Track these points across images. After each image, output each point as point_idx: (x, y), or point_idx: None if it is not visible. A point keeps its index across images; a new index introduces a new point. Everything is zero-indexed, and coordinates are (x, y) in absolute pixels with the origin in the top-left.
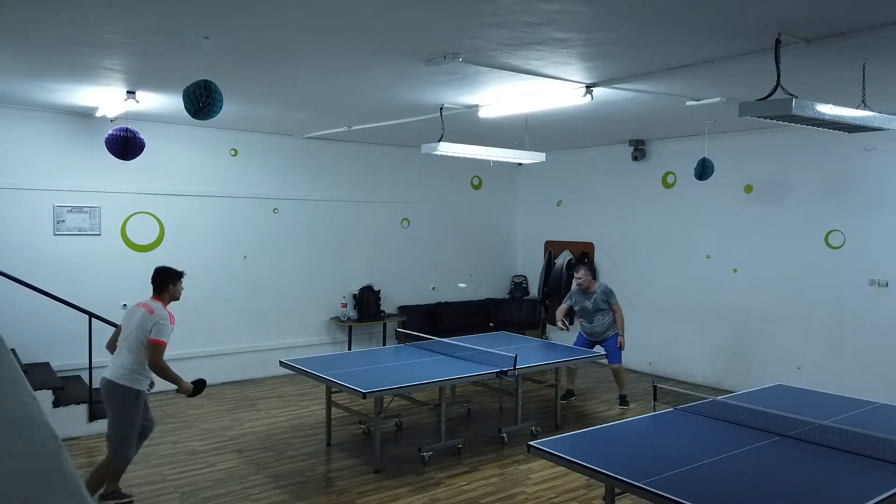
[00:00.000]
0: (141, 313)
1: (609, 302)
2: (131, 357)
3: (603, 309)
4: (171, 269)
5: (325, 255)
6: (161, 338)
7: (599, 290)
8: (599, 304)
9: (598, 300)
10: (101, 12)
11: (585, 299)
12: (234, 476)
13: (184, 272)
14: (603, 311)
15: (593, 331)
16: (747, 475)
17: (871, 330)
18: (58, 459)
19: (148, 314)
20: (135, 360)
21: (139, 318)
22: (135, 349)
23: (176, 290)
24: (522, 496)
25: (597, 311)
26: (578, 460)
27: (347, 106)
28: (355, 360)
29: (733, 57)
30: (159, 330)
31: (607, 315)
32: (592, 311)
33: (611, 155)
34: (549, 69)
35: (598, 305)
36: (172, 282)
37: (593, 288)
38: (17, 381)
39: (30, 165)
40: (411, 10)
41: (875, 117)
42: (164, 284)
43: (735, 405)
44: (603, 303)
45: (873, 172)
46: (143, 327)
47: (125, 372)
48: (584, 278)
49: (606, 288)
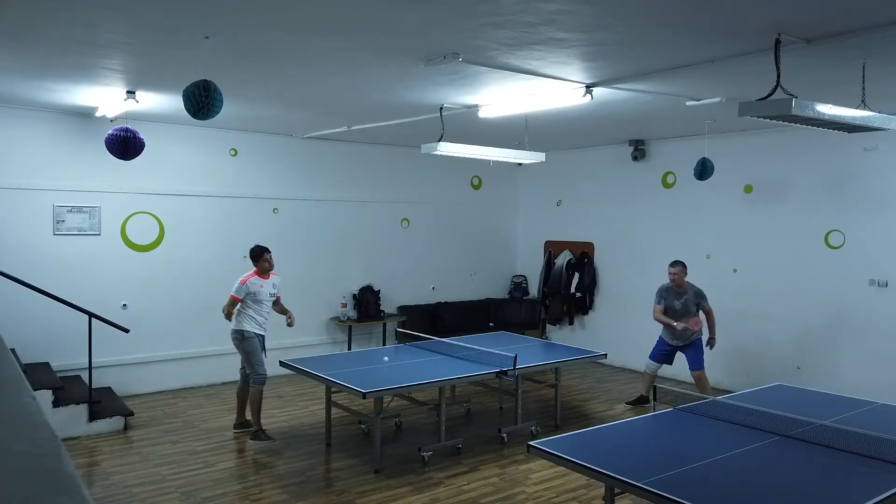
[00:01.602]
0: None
1: (700, 305)
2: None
3: (692, 311)
4: (258, 246)
5: (325, 255)
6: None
7: (692, 291)
8: (690, 306)
9: (688, 302)
10: (101, 12)
11: (675, 298)
12: (234, 476)
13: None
14: (691, 314)
15: (676, 332)
16: (747, 475)
17: (870, 330)
18: (58, 459)
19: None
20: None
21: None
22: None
23: (264, 262)
24: (522, 496)
25: (686, 314)
26: (578, 460)
27: (347, 106)
28: (355, 360)
29: (733, 57)
30: (235, 286)
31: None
32: (681, 313)
33: (611, 155)
34: (549, 69)
35: (689, 308)
36: (260, 256)
37: (686, 287)
38: (17, 381)
39: (30, 165)
40: (411, 10)
41: (875, 117)
42: (255, 258)
43: (735, 405)
44: (693, 305)
45: (873, 172)
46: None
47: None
48: (678, 274)
49: (699, 290)
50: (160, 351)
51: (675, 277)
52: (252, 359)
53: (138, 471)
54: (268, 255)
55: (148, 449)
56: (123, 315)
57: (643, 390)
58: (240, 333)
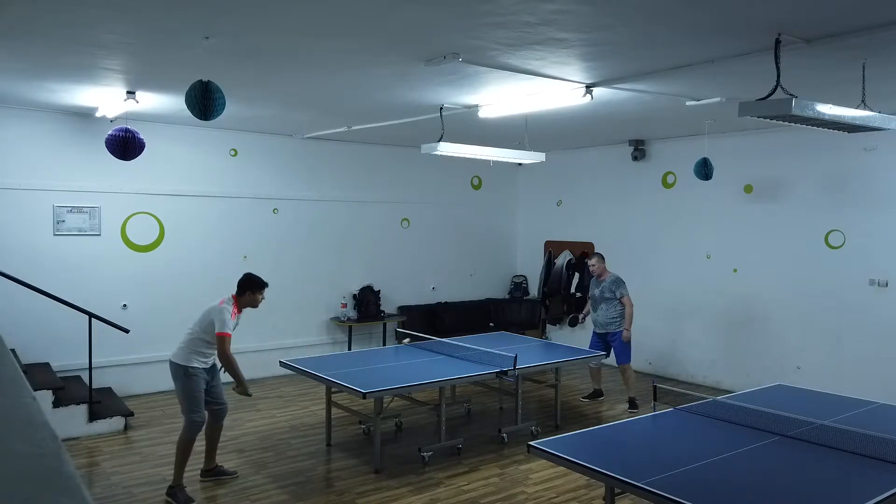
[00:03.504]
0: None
1: (615, 292)
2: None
3: (608, 298)
4: (255, 279)
5: (325, 255)
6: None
7: (610, 279)
8: (606, 292)
9: (605, 289)
10: (101, 12)
11: (595, 286)
12: (234, 476)
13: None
14: (608, 301)
15: (597, 320)
16: (747, 475)
17: (871, 330)
18: (58, 459)
19: (216, 305)
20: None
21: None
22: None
23: (255, 298)
24: (522, 496)
25: (602, 300)
26: (578, 460)
27: (347, 106)
28: (355, 361)
29: (733, 57)
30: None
31: (613, 306)
32: (599, 300)
33: (611, 155)
34: (549, 69)
35: (605, 294)
36: (252, 289)
37: (605, 276)
38: (17, 381)
39: (30, 165)
40: (411, 10)
41: (875, 117)
42: (243, 289)
43: (735, 405)
44: (610, 292)
45: (873, 172)
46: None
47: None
48: (596, 265)
49: (618, 278)
50: (160, 351)
51: (594, 269)
52: (192, 402)
53: (138, 471)
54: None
55: (148, 449)
56: (123, 315)
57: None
58: (182, 369)
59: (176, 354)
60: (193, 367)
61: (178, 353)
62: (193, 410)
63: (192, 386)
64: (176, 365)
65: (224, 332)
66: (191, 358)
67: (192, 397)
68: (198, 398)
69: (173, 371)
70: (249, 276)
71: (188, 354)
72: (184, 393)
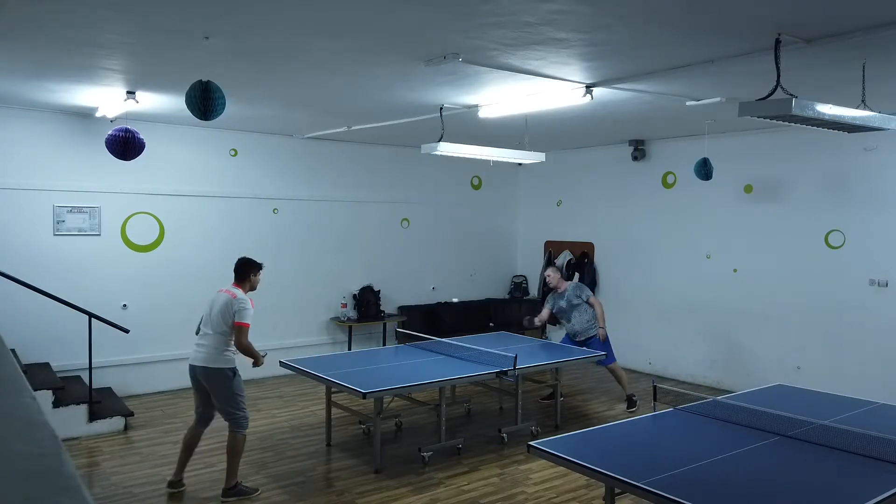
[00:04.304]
0: (223, 299)
1: (581, 297)
2: (216, 339)
3: (576, 305)
4: (253, 260)
5: (325, 255)
6: (243, 320)
7: (570, 287)
8: (572, 299)
9: (570, 296)
10: (101, 12)
11: (559, 299)
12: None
13: (263, 264)
14: (578, 308)
15: (574, 330)
16: (747, 475)
17: (871, 330)
18: (58, 459)
19: (229, 298)
20: (221, 341)
21: (220, 303)
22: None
23: (255, 280)
24: (522, 496)
25: (572, 309)
26: (578, 460)
27: (347, 106)
28: (355, 360)
29: (733, 57)
30: (244, 314)
31: (585, 311)
32: (567, 310)
33: (611, 155)
34: (549, 69)
35: (571, 301)
36: (253, 271)
37: (563, 287)
38: (17, 381)
39: (30, 165)
40: (411, 10)
41: (875, 117)
42: (246, 273)
43: (735, 405)
44: (576, 298)
45: (873, 172)
46: (225, 311)
47: (214, 355)
48: (551, 277)
49: (577, 284)
50: (160, 351)
51: (550, 281)
52: (240, 400)
53: (138, 471)
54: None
55: (148, 449)
56: (123, 315)
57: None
58: (225, 372)
59: (207, 359)
60: (234, 367)
61: (209, 357)
62: (241, 408)
63: (237, 385)
64: (215, 370)
65: (246, 322)
66: (227, 358)
67: (238, 396)
68: (243, 396)
69: (211, 376)
70: (248, 260)
71: (223, 355)
72: (230, 393)
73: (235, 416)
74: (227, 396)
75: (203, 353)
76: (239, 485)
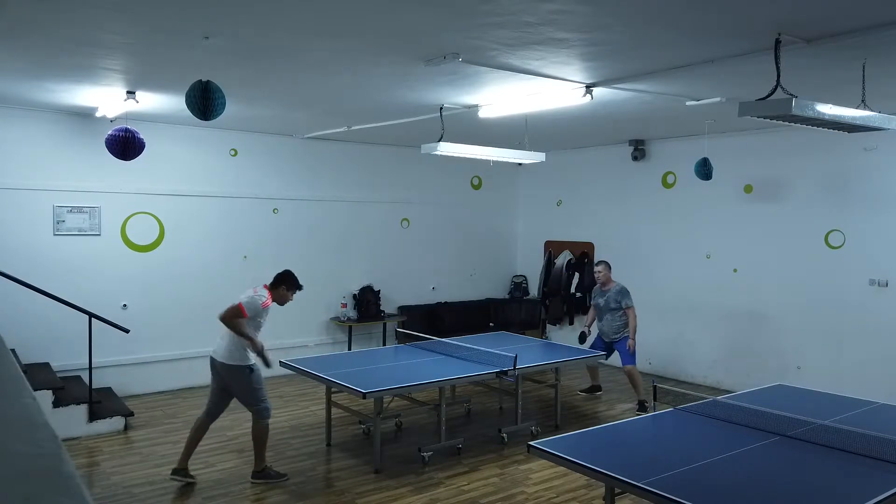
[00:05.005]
0: (247, 292)
1: (621, 303)
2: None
3: (614, 308)
4: (294, 277)
5: (325, 255)
6: (246, 306)
7: (615, 289)
8: (611, 303)
9: (610, 299)
10: (102, 12)
11: (601, 295)
12: (234, 476)
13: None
14: (613, 311)
15: (603, 329)
16: (747, 475)
17: (871, 330)
18: (58, 459)
19: (251, 291)
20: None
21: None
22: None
23: (285, 295)
24: (522, 496)
25: (608, 310)
26: (578, 460)
27: (347, 106)
28: (355, 360)
29: (733, 57)
30: (251, 302)
31: (618, 317)
32: (604, 309)
33: (611, 155)
34: (549, 69)
35: (610, 304)
36: (287, 285)
37: (610, 285)
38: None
39: (30, 165)
40: (411, 10)
41: (875, 117)
42: (279, 283)
43: (735, 405)
44: (615, 302)
45: (873, 172)
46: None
47: (230, 352)
48: (602, 272)
49: (623, 288)
50: (160, 351)
51: (599, 276)
52: (258, 394)
53: (138, 471)
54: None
55: (148, 449)
56: (123, 315)
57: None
58: (247, 368)
59: (225, 354)
60: (252, 364)
61: (227, 353)
62: (261, 401)
63: (256, 380)
64: (232, 367)
65: (242, 305)
66: (244, 354)
67: (257, 390)
68: (262, 389)
69: (229, 372)
70: (290, 273)
71: (240, 351)
72: (249, 388)
73: (257, 408)
74: (245, 392)
75: (223, 347)
76: (267, 468)
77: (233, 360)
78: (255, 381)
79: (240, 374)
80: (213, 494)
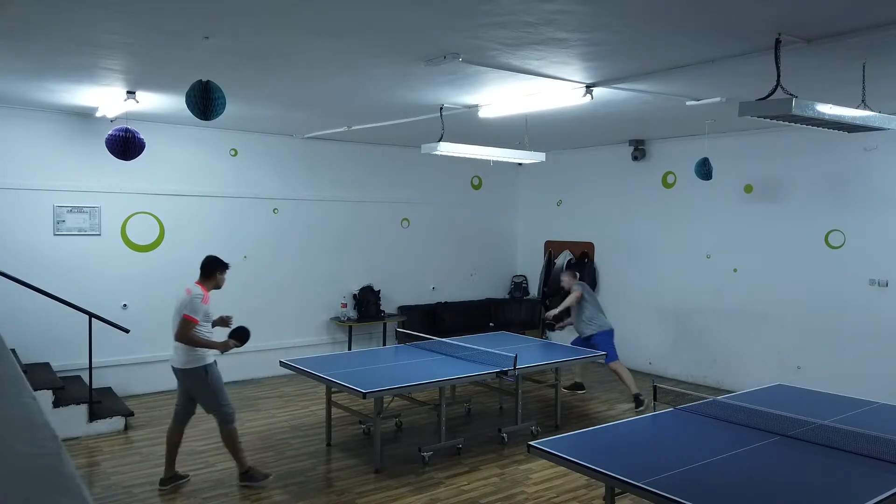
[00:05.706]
0: (181, 297)
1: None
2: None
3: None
4: (220, 259)
5: (325, 255)
6: (191, 314)
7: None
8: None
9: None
10: (101, 12)
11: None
12: (234, 476)
13: (229, 265)
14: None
15: (576, 328)
16: (747, 475)
17: (871, 330)
18: (58, 459)
19: (185, 295)
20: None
21: (179, 301)
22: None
23: (221, 279)
24: (522, 496)
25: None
26: (578, 460)
27: (347, 106)
28: (355, 360)
29: (733, 57)
30: (192, 307)
31: (580, 310)
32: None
33: (611, 155)
34: (549, 69)
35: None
36: (219, 270)
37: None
38: (17, 381)
39: (30, 165)
40: (411, 10)
41: (875, 117)
42: (211, 272)
43: (735, 405)
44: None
45: (873, 172)
46: (180, 308)
47: (184, 356)
48: (565, 282)
49: (578, 283)
50: (160, 351)
51: (565, 284)
52: (220, 396)
53: (138, 471)
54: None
55: (148, 449)
56: (123, 315)
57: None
58: (203, 369)
59: (181, 360)
60: (208, 364)
61: (182, 358)
62: (222, 404)
63: (214, 380)
64: (189, 370)
65: (190, 315)
66: (196, 356)
67: (218, 391)
68: (223, 390)
69: (187, 376)
70: (213, 258)
71: (190, 355)
72: (209, 390)
73: (220, 411)
74: (205, 394)
75: (176, 354)
76: (250, 470)
77: (189, 363)
78: (213, 382)
79: (197, 377)
80: (213, 494)
